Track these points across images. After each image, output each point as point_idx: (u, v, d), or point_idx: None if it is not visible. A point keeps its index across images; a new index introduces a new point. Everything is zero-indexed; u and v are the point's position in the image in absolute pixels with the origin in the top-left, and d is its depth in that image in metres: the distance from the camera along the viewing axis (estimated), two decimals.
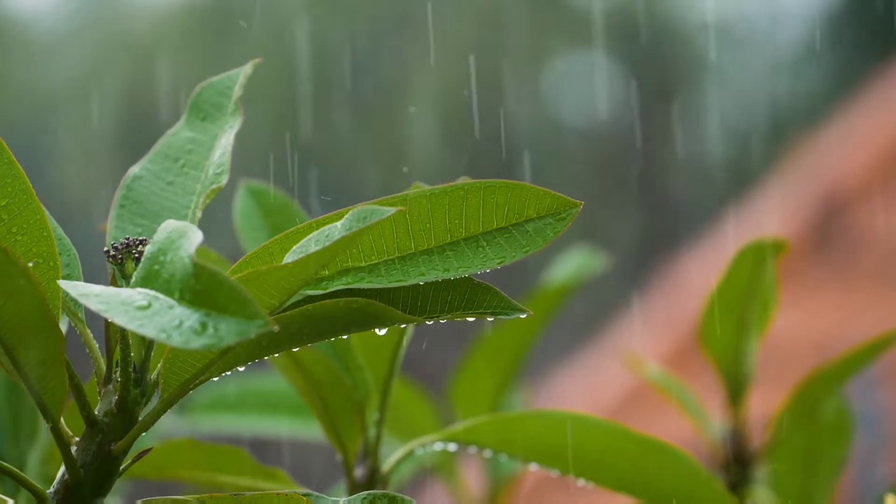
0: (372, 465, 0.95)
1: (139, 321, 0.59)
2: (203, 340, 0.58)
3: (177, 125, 0.80)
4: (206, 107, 0.80)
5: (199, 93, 0.80)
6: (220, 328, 0.58)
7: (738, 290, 1.23)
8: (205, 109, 0.80)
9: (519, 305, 0.70)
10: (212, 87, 0.80)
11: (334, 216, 0.70)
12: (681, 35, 4.67)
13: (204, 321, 0.59)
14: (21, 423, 0.98)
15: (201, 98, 0.80)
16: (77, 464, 0.70)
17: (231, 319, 0.58)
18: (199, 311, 0.59)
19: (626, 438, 0.91)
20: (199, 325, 0.58)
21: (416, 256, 0.70)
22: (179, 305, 0.60)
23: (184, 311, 0.59)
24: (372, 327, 0.68)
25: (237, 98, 0.79)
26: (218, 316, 0.59)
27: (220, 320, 0.58)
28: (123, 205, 0.77)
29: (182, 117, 0.80)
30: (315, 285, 0.70)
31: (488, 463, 1.43)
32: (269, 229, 0.95)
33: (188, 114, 0.80)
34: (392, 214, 0.65)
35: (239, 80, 0.80)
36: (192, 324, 0.58)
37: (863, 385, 2.69)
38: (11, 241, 0.70)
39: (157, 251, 0.63)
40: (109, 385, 0.71)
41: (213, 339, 0.58)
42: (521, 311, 0.70)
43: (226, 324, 0.58)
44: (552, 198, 0.71)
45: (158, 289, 0.62)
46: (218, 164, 0.76)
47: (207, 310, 0.59)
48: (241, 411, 1.31)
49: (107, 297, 0.61)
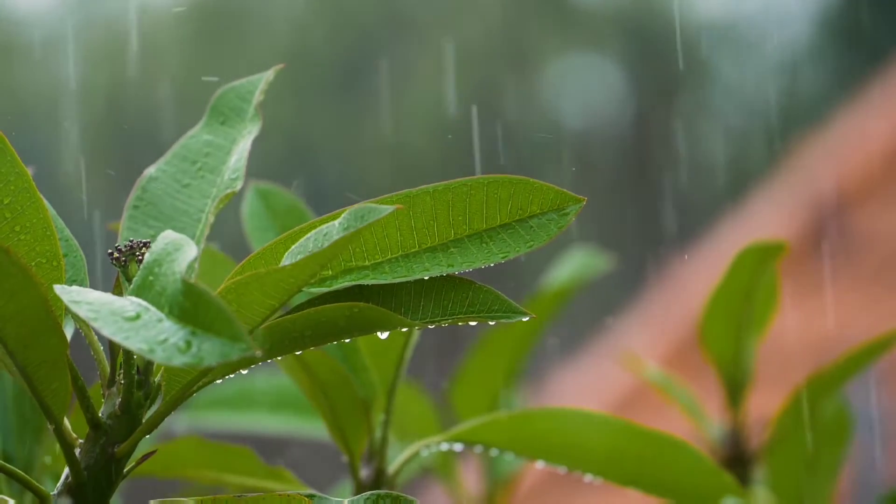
0: (378, 466, 0.95)
1: (125, 333, 0.59)
2: (185, 359, 0.58)
3: (195, 128, 0.79)
4: (226, 111, 0.79)
5: (220, 96, 0.80)
6: (203, 347, 0.58)
7: (738, 291, 1.23)
8: (225, 113, 0.79)
9: (521, 308, 0.70)
10: (233, 92, 0.80)
11: (333, 215, 0.70)
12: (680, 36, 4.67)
13: (189, 339, 0.59)
14: (28, 423, 0.98)
15: (222, 102, 0.80)
16: (81, 466, 0.70)
17: (216, 339, 0.58)
18: (185, 328, 0.59)
19: (632, 434, 0.91)
20: (183, 343, 0.59)
21: (420, 254, 0.70)
22: (168, 320, 0.60)
23: (171, 327, 0.60)
24: (373, 331, 0.68)
25: (257, 103, 0.79)
26: (203, 335, 0.59)
27: (204, 339, 0.58)
28: (137, 206, 0.77)
29: (201, 120, 0.79)
30: (319, 283, 0.70)
31: (486, 462, 1.43)
32: (278, 230, 0.95)
33: (207, 117, 0.80)
34: (392, 212, 0.65)
35: (260, 86, 0.79)
36: (177, 341, 0.59)
37: (862, 386, 2.69)
38: (14, 241, 0.70)
39: (153, 261, 0.63)
40: (113, 387, 0.71)
41: (194, 359, 0.58)
42: (522, 315, 0.70)
43: (209, 344, 0.58)
44: (555, 193, 0.71)
45: (150, 300, 0.62)
46: (234, 169, 0.76)
47: (193, 328, 0.59)
48: (243, 408, 1.31)
49: (98, 305, 0.61)
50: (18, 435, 0.96)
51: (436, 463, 1.38)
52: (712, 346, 1.27)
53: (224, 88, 0.80)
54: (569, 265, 1.47)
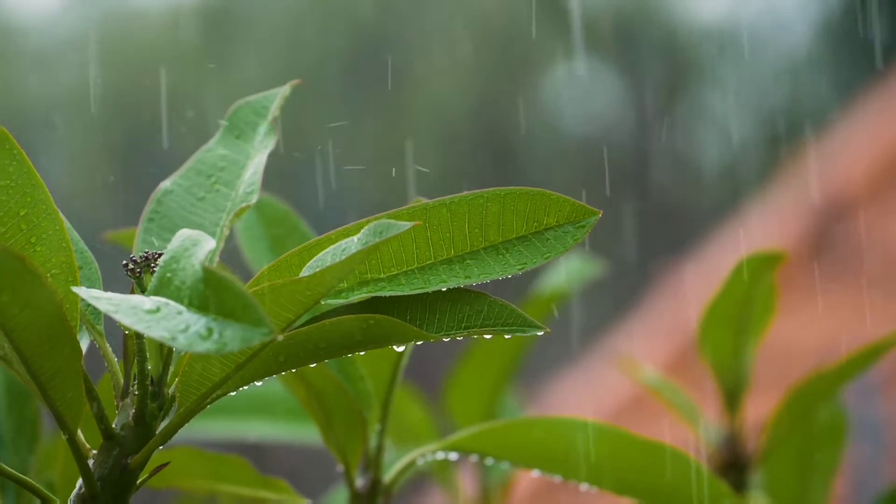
0: (374, 476, 0.95)
1: (146, 323, 0.59)
2: (207, 345, 0.58)
3: (210, 142, 0.80)
4: (241, 125, 0.80)
5: (236, 111, 0.80)
6: (225, 334, 0.58)
7: (736, 299, 1.24)
8: (240, 128, 0.80)
9: (536, 322, 0.70)
10: (248, 107, 0.80)
11: (352, 228, 0.70)
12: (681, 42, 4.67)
13: (210, 326, 0.59)
14: (22, 431, 0.97)
15: (237, 116, 0.80)
16: (94, 477, 0.70)
17: (237, 325, 0.58)
18: (206, 317, 0.59)
19: (628, 442, 0.90)
20: (205, 330, 0.59)
21: (437, 266, 0.70)
22: (188, 311, 0.60)
23: (191, 317, 0.60)
24: (389, 344, 0.68)
25: (273, 119, 0.79)
26: (224, 321, 0.59)
27: (225, 326, 0.59)
28: (152, 218, 0.77)
29: (216, 134, 0.80)
30: (334, 295, 0.70)
31: (482, 466, 1.43)
32: (270, 240, 0.95)
33: (223, 131, 0.80)
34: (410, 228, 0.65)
35: (276, 102, 0.80)
36: (199, 328, 0.59)
37: (863, 393, 2.69)
38: (31, 251, 0.70)
39: (170, 259, 0.64)
40: (127, 398, 0.71)
41: (217, 345, 0.58)
42: (538, 329, 0.70)
43: (231, 330, 0.58)
44: (571, 206, 0.71)
45: (169, 296, 0.62)
46: (249, 183, 0.76)
47: (215, 315, 0.59)
48: (237, 415, 1.30)
49: (117, 300, 0.61)
50: (13, 445, 0.96)
51: (433, 467, 1.38)
52: (710, 352, 1.27)
53: (240, 103, 0.80)
54: (562, 270, 1.47)
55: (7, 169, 0.70)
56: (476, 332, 0.70)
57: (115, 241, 0.97)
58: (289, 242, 0.95)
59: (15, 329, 0.64)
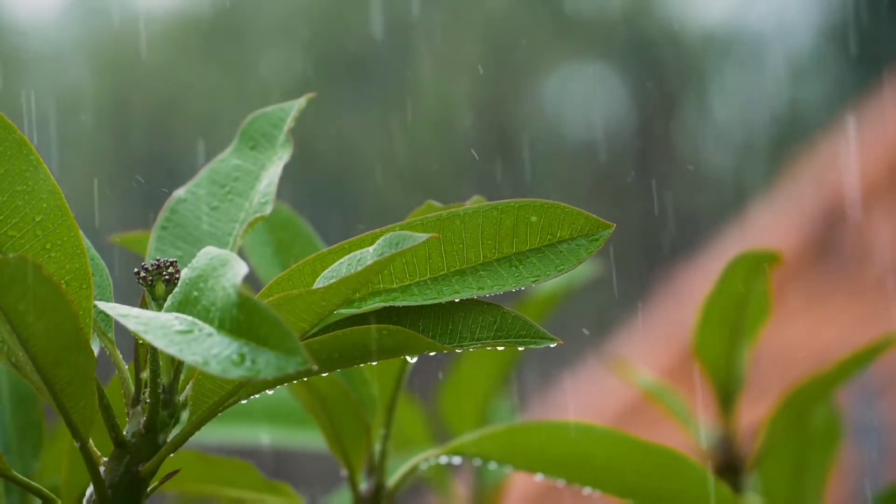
0: (378, 480, 0.95)
1: (178, 346, 0.59)
2: (240, 371, 0.58)
3: (225, 152, 0.79)
4: (256, 136, 0.79)
5: (251, 122, 0.80)
6: (258, 360, 0.58)
7: (730, 300, 1.23)
8: (255, 139, 0.79)
9: (548, 334, 0.70)
10: (264, 118, 0.80)
11: (366, 238, 0.70)
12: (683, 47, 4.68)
13: (242, 352, 0.58)
14: (27, 437, 0.97)
15: (252, 127, 0.80)
16: (105, 484, 0.70)
17: (270, 353, 0.58)
18: (238, 341, 0.59)
19: (630, 445, 0.90)
20: (237, 356, 0.58)
21: (449, 276, 0.70)
22: (218, 334, 0.60)
23: (223, 340, 0.59)
24: (402, 354, 0.68)
25: (288, 130, 0.79)
26: (257, 348, 0.58)
27: (258, 353, 0.58)
28: (166, 227, 0.77)
29: (231, 144, 0.80)
30: (347, 305, 0.70)
31: (475, 470, 1.43)
32: (275, 245, 0.95)
33: (238, 141, 0.80)
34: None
35: (292, 114, 0.79)
36: (231, 353, 0.58)
37: (862, 398, 2.69)
38: (45, 258, 0.70)
39: (197, 277, 0.63)
40: (138, 406, 0.71)
41: (250, 372, 0.58)
42: (550, 341, 0.70)
43: (265, 357, 0.58)
44: (585, 219, 0.71)
45: (197, 315, 0.61)
46: (264, 194, 0.76)
47: (247, 340, 0.59)
48: (242, 419, 1.30)
49: (146, 319, 0.61)
50: (17, 450, 0.96)
51: (428, 471, 1.38)
52: (705, 354, 1.27)
53: (255, 114, 0.80)
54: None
55: (24, 174, 0.70)
56: (489, 344, 0.70)
57: (122, 244, 0.97)
58: (294, 247, 0.95)
59: (31, 338, 0.64)
